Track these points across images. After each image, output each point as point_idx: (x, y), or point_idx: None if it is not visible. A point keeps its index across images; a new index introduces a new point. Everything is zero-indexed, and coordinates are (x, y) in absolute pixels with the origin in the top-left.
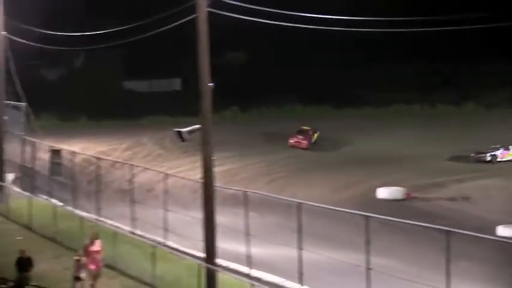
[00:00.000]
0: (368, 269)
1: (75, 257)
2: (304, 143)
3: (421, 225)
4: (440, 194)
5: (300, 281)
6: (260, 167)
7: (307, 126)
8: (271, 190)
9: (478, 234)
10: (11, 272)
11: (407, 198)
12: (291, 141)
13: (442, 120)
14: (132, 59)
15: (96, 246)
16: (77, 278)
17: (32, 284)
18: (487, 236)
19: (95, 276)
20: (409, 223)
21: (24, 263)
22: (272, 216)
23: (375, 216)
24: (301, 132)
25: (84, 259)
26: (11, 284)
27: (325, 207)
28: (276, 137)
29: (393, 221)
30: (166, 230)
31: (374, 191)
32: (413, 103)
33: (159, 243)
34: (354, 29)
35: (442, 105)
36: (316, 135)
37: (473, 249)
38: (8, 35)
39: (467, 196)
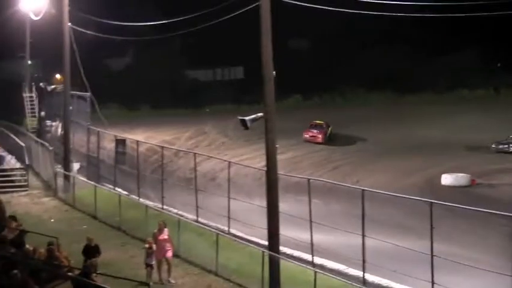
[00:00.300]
0: (432, 255)
1: (146, 245)
2: (320, 137)
3: (486, 212)
4: (505, 180)
5: (363, 268)
6: (323, 154)
7: (320, 120)
8: (335, 177)
9: None
10: (78, 260)
11: (472, 184)
12: (306, 135)
13: (505, 105)
14: (195, 48)
15: (165, 234)
16: (148, 266)
17: (99, 272)
18: None
19: (164, 263)
20: (474, 209)
21: (91, 251)
22: (335, 203)
23: (439, 203)
24: (315, 126)
25: (154, 247)
26: (78, 271)
27: (389, 194)
28: (338, 124)
29: (458, 207)
30: (229, 218)
31: (438, 178)
32: (476, 88)
33: (223, 231)
34: (413, 15)
35: (505, 89)
36: (330, 128)
37: None
38: (74, 26)
39: None
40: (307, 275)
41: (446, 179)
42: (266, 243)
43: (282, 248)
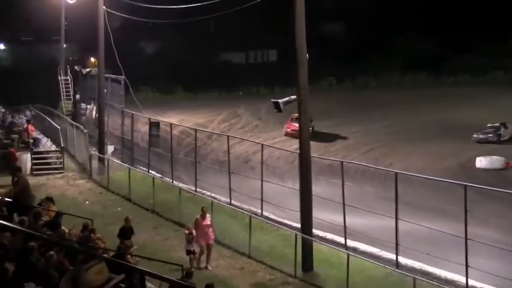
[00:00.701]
0: (466, 239)
1: (186, 231)
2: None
3: None
4: None
5: (396, 251)
6: (357, 137)
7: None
8: (368, 160)
9: None
10: (112, 242)
11: (507, 167)
12: (287, 129)
13: None
14: (229, 30)
15: (207, 220)
16: (189, 252)
17: (133, 254)
18: None
19: (206, 250)
20: (509, 192)
21: (126, 232)
22: (368, 186)
23: (473, 186)
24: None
25: (194, 232)
26: (112, 253)
27: (423, 177)
28: (373, 106)
29: (492, 190)
30: (262, 200)
31: (473, 161)
32: (509, 70)
33: (255, 213)
34: None
35: None
36: (312, 123)
37: None
38: (108, 10)
39: None
40: (340, 257)
41: (481, 162)
42: (299, 225)
43: (314, 231)
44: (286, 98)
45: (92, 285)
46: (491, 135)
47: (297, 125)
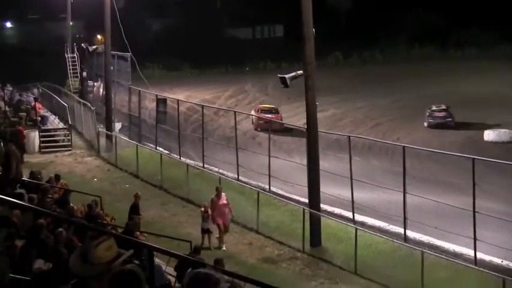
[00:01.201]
0: (474, 212)
1: (202, 209)
2: (279, 122)
3: None
4: None
5: (404, 225)
6: (364, 111)
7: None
8: (375, 135)
9: None
10: (121, 219)
11: None
12: (260, 121)
13: None
14: (235, 6)
15: (223, 199)
16: (205, 231)
17: (141, 230)
18: None
19: (223, 229)
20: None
21: (135, 209)
22: (376, 160)
23: (481, 159)
24: (268, 111)
25: (210, 211)
26: (121, 230)
27: (430, 151)
28: (380, 81)
29: (500, 163)
30: (270, 176)
31: (481, 134)
32: None
33: (263, 189)
34: None
35: None
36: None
37: None
38: None
39: None
40: (348, 232)
41: (489, 135)
42: (306, 200)
43: (322, 206)
44: (293, 73)
45: (102, 261)
46: None
47: (270, 116)
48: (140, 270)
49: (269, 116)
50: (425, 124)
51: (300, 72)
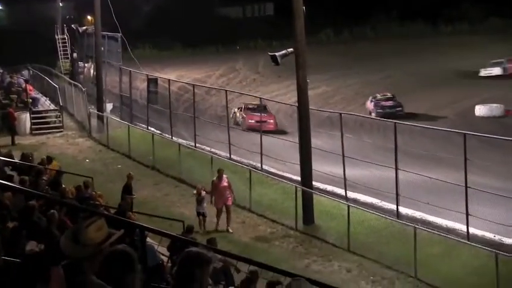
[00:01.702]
0: (466, 187)
1: (194, 192)
2: (271, 122)
3: None
4: None
5: (397, 201)
6: (355, 88)
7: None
8: (367, 112)
9: None
10: (114, 200)
11: (507, 115)
12: (250, 121)
13: None
14: None
15: (224, 181)
16: (198, 214)
17: (134, 210)
18: None
19: (225, 211)
20: (508, 140)
21: (128, 189)
22: (368, 137)
23: (472, 134)
24: (262, 109)
25: (204, 193)
26: (114, 210)
27: (421, 127)
28: (371, 58)
29: (492, 138)
30: (262, 154)
31: (472, 109)
32: (507, 17)
33: (255, 167)
34: None
35: None
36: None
37: None
38: None
39: None
40: (341, 209)
41: (480, 110)
42: (299, 178)
43: (315, 183)
44: (283, 51)
45: (93, 242)
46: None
47: (264, 114)
48: (132, 250)
49: (263, 115)
50: (373, 115)
51: (291, 50)
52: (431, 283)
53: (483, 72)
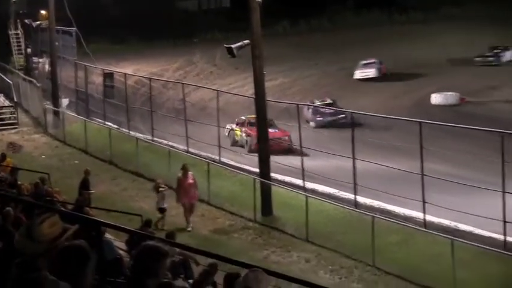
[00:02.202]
0: (423, 175)
1: (154, 186)
2: (287, 139)
3: (476, 129)
4: (494, 97)
5: (354, 191)
6: (312, 80)
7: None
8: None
9: None
10: (72, 195)
11: (462, 102)
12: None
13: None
14: None
15: (190, 178)
16: (160, 210)
17: (92, 206)
18: None
19: (190, 209)
20: (463, 127)
21: (85, 184)
22: (325, 127)
23: (428, 122)
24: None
25: (164, 189)
26: (71, 206)
27: (378, 116)
28: (328, 49)
29: (448, 126)
30: (220, 146)
31: (428, 98)
32: (464, 5)
33: (214, 160)
34: None
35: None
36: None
37: None
38: None
39: None
40: (299, 200)
41: (436, 99)
42: (257, 170)
43: (273, 175)
44: (239, 43)
45: (47, 238)
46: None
47: (276, 130)
48: (87, 245)
49: (275, 130)
50: (312, 124)
51: (247, 41)
52: (389, 271)
53: (358, 75)
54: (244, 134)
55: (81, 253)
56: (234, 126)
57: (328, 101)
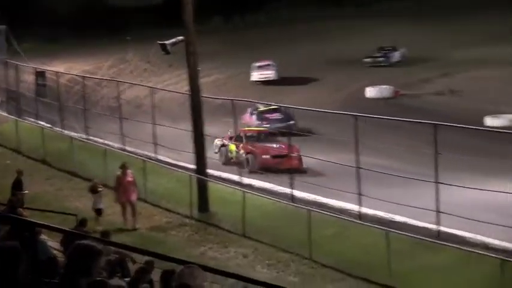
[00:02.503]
0: (358, 168)
1: (91, 188)
2: (296, 155)
3: (409, 121)
4: (427, 90)
5: (291, 186)
6: (247, 76)
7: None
8: (259, 97)
9: (465, 126)
10: (4, 196)
11: (396, 95)
12: (265, 157)
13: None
14: None
15: (129, 176)
16: (96, 210)
17: (25, 206)
18: (474, 127)
19: (131, 208)
20: (396, 120)
21: (18, 184)
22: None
23: (362, 115)
24: (261, 138)
25: (102, 189)
26: (3, 207)
27: (312, 110)
28: (262, 44)
29: (382, 119)
30: (155, 144)
31: (362, 91)
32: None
33: (150, 158)
34: None
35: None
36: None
37: (463, 141)
38: None
39: (455, 90)
40: (236, 195)
41: (370, 92)
42: (194, 166)
43: (210, 171)
44: (173, 40)
45: None
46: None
47: (278, 146)
48: (18, 246)
49: (276, 147)
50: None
51: (181, 38)
52: (326, 263)
53: (256, 77)
54: (242, 151)
55: (11, 254)
56: (225, 141)
57: (274, 105)
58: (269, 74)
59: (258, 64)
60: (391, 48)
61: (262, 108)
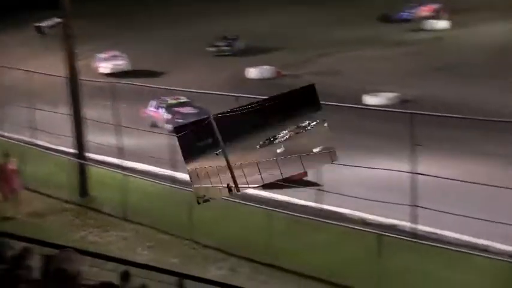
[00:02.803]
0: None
1: None
2: None
3: None
4: (308, 69)
5: (174, 168)
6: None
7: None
8: (143, 80)
9: (343, 104)
10: None
11: (278, 76)
12: None
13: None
14: None
15: (12, 165)
16: None
17: None
18: (352, 105)
19: (15, 197)
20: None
21: None
22: (142, 105)
23: (243, 96)
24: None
25: None
26: None
27: (192, 92)
28: (140, 25)
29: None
30: (34, 129)
31: (242, 72)
32: None
33: (28, 143)
34: None
35: None
36: None
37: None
38: None
39: (336, 69)
40: (117, 179)
41: (252, 73)
42: (74, 151)
43: (92, 155)
44: (50, 22)
45: None
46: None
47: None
48: None
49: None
50: (169, 127)
51: (58, 20)
52: (207, 244)
53: (107, 69)
54: None
55: None
56: None
57: (183, 99)
58: (120, 64)
59: (103, 55)
60: (235, 37)
61: (170, 101)
